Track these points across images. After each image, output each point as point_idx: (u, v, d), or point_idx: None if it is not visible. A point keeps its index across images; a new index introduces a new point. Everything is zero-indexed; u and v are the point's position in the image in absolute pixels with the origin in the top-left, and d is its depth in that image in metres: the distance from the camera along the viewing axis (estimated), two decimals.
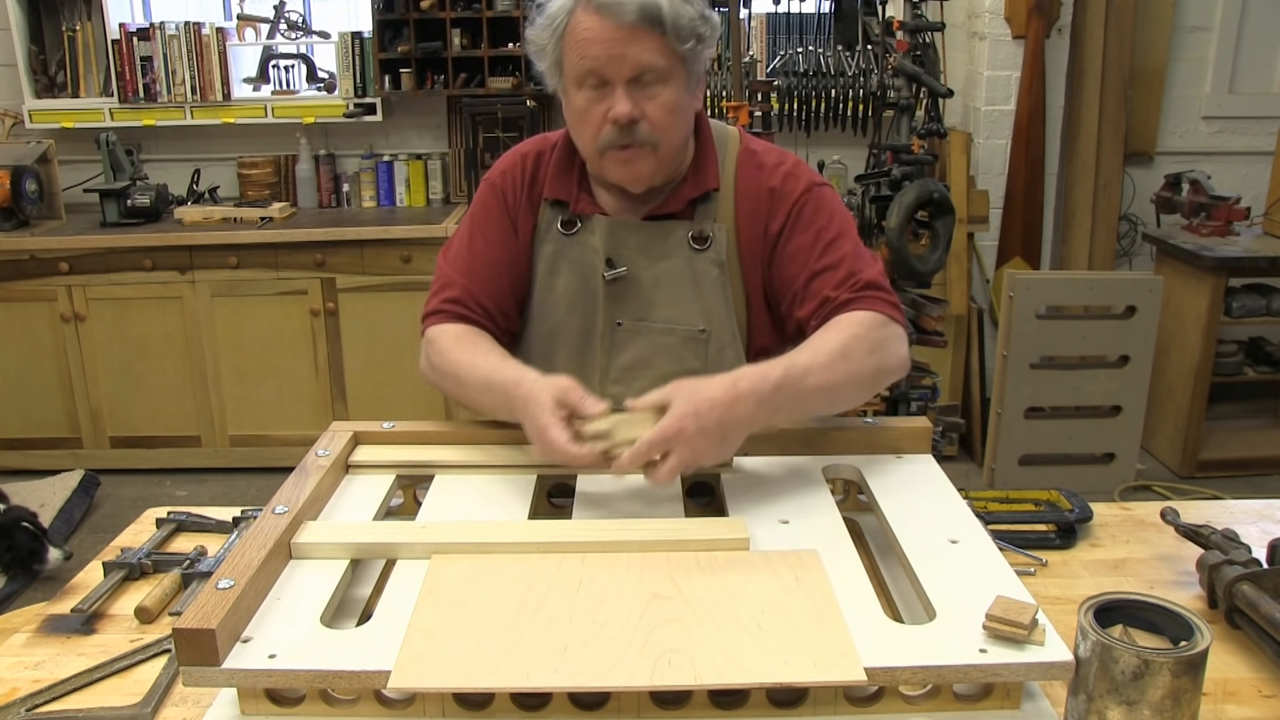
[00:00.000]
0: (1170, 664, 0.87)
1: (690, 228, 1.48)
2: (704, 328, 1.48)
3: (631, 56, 1.33)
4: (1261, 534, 1.33)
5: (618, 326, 1.50)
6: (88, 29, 3.94)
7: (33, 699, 1.04)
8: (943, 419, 2.70)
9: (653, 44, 1.33)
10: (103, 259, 3.59)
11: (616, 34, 1.32)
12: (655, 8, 1.31)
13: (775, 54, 3.78)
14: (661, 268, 1.48)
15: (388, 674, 0.92)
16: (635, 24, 1.31)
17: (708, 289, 1.48)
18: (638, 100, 1.36)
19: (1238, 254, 3.57)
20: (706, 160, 1.49)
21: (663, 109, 1.37)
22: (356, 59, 3.91)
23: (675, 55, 1.35)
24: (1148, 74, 3.99)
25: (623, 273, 1.47)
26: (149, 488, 3.72)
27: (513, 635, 0.95)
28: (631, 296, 1.49)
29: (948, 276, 3.67)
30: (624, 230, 1.48)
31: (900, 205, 2.59)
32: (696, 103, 1.45)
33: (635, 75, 1.34)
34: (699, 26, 1.36)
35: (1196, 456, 3.74)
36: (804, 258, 1.45)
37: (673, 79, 1.37)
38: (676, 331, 1.49)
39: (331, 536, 1.14)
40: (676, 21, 1.32)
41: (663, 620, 0.97)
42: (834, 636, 0.95)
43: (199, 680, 0.93)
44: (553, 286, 1.52)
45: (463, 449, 1.39)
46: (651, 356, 1.49)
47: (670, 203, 1.48)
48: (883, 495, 1.27)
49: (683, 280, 1.48)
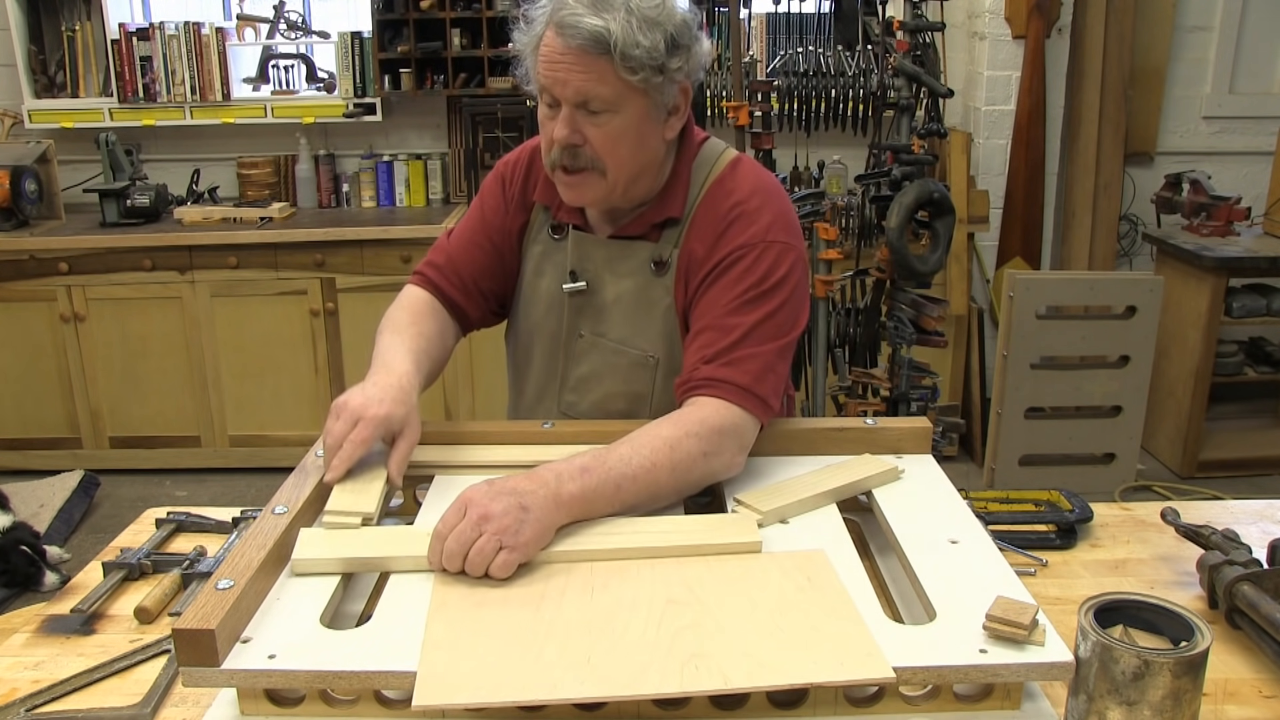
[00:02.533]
0: (1170, 664, 0.87)
1: (653, 251, 1.46)
2: (653, 354, 1.48)
3: (575, 81, 1.31)
4: (1261, 534, 1.33)
5: (579, 337, 1.52)
6: (87, 29, 3.93)
7: (33, 699, 1.04)
8: (943, 419, 2.69)
9: (599, 71, 1.30)
10: (102, 259, 3.59)
11: (565, 56, 1.30)
12: (601, 34, 1.27)
13: (775, 54, 3.78)
14: (623, 286, 1.48)
15: (387, 674, 0.92)
16: (582, 48, 1.29)
17: (660, 315, 1.47)
18: (581, 125, 1.34)
19: (1238, 254, 3.57)
20: (677, 187, 1.46)
21: (607, 137, 1.34)
22: (356, 59, 3.91)
23: (626, 84, 1.31)
24: (1148, 74, 3.99)
25: (581, 287, 1.49)
26: (149, 488, 3.72)
27: (533, 646, 0.94)
28: (593, 310, 1.50)
29: (948, 276, 3.67)
30: (591, 245, 1.49)
31: (900, 205, 2.59)
32: (670, 130, 1.41)
33: (580, 101, 1.33)
34: (658, 58, 1.30)
35: (1197, 456, 3.74)
36: (708, 309, 1.38)
37: (625, 108, 1.33)
38: (627, 353, 1.49)
39: (327, 551, 1.11)
40: (627, 51, 1.28)
41: (682, 625, 0.97)
42: (856, 636, 0.95)
43: (199, 680, 0.93)
44: (537, 287, 1.55)
45: (463, 448, 1.39)
46: (604, 372, 1.51)
47: (634, 224, 1.47)
48: (883, 496, 1.28)
49: (638, 302, 1.47)
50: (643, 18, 1.29)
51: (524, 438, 1.42)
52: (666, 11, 1.32)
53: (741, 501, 1.22)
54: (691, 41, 1.36)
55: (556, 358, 1.55)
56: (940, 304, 2.71)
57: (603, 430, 1.44)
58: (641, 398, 1.50)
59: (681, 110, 1.41)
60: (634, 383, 1.49)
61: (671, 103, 1.39)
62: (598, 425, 1.47)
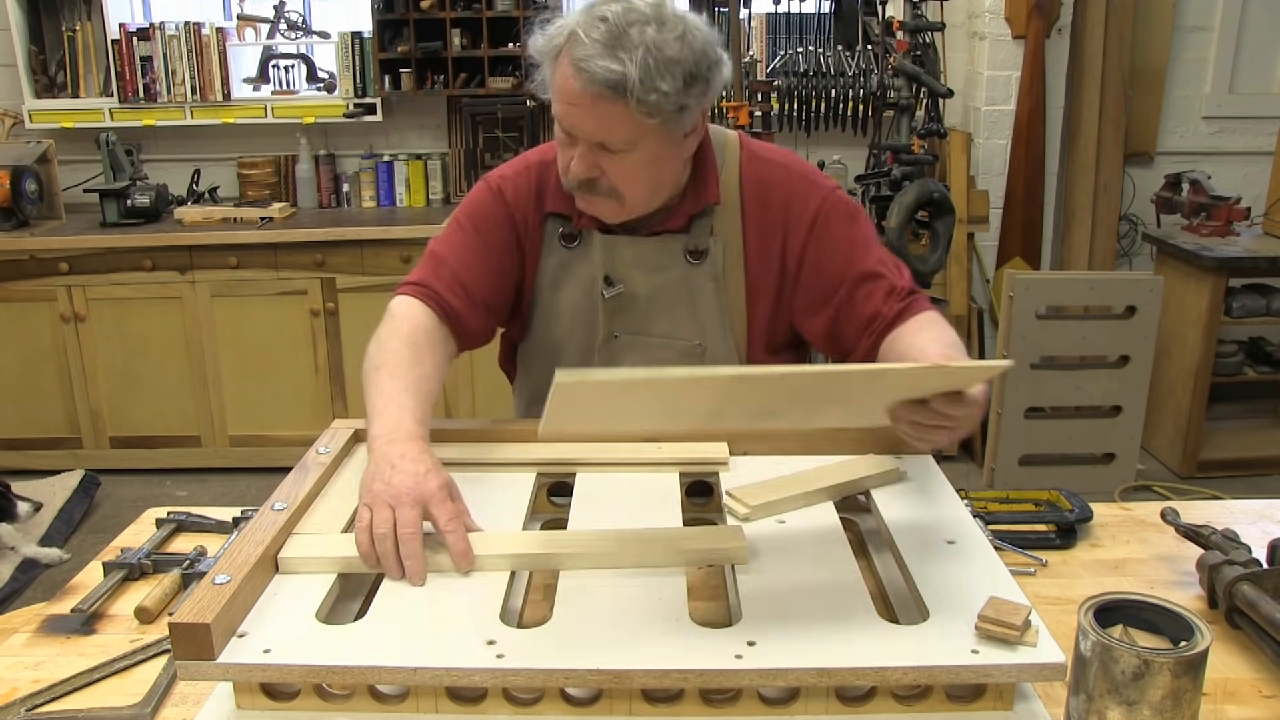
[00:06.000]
0: (1170, 664, 0.87)
1: (687, 241, 1.46)
2: (699, 341, 1.48)
3: (592, 124, 1.30)
4: (1261, 534, 1.33)
5: (614, 339, 1.50)
6: (88, 29, 3.93)
7: (33, 699, 1.04)
8: None
9: (616, 114, 1.28)
10: (103, 259, 3.59)
11: (583, 98, 1.28)
12: (619, 80, 1.25)
13: (775, 54, 3.78)
14: (658, 281, 1.48)
15: (382, 669, 0.92)
16: (598, 93, 1.26)
17: (704, 302, 1.48)
18: (598, 160, 1.33)
19: (1238, 254, 3.57)
20: (706, 174, 1.46)
21: (624, 171, 1.34)
22: (356, 59, 3.91)
23: (643, 126, 1.29)
24: (1148, 74, 3.99)
25: (620, 290, 1.47)
26: (149, 488, 3.72)
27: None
28: (629, 311, 1.49)
29: (948, 276, 3.67)
30: (620, 246, 1.48)
31: (900, 205, 2.60)
32: (688, 149, 1.40)
33: (597, 141, 1.32)
34: (676, 101, 1.28)
35: (1196, 456, 3.74)
36: (837, 275, 1.44)
37: (642, 144, 1.32)
38: (673, 345, 1.49)
39: (319, 552, 1.10)
40: (643, 97, 1.26)
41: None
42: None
43: (194, 674, 0.93)
44: (556, 299, 1.52)
45: (462, 446, 1.39)
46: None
47: (670, 221, 1.47)
48: (881, 496, 1.28)
49: (678, 294, 1.47)
50: (661, 58, 1.26)
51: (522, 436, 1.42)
52: (686, 45, 1.29)
53: (733, 495, 1.23)
54: (711, 72, 1.33)
55: (588, 364, 1.51)
56: (940, 304, 2.71)
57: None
58: None
59: (699, 128, 1.41)
60: None
61: (690, 126, 1.37)
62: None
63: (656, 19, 1.28)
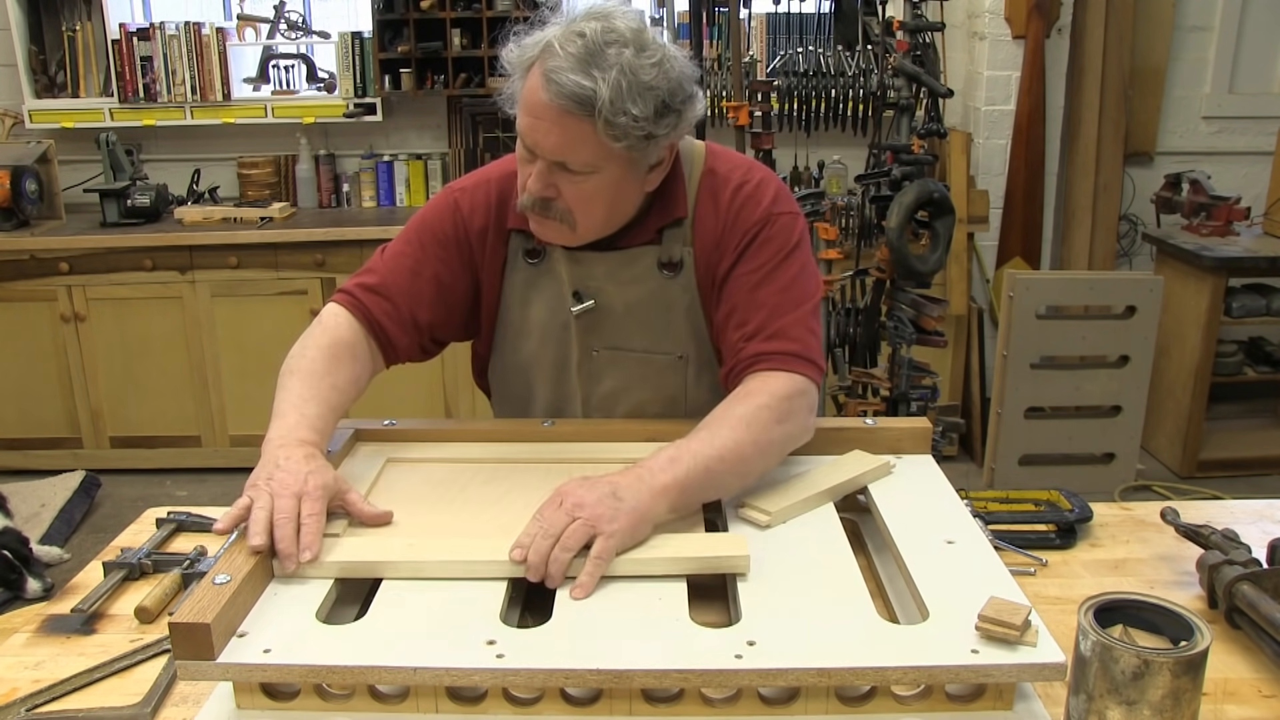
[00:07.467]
0: (1170, 664, 0.87)
1: (659, 254, 1.42)
2: (682, 354, 1.46)
3: (555, 140, 1.25)
4: (1261, 534, 1.33)
5: (594, 355, 1.47)
6: (88, 29, 3.93)
7: (33, 699, 1.04)
8: (943, 419, 2.69)
9: (581, 133, 1.23)
10: (103, 259, 3.59)
11: (549, 111, 1.23)
12: (588, 96, 1.20)
13: (775, 54, 3.78)
14: (632, 294, 1.43)
15: (381, 669, 0.92)
16: (566, 107, 1.21)
17: (681, 314, 1.44)
18: (556, 179, 1.28)
19: (1238, 254, 3.57)
20: (675, 187, 1.41)
21: (581, 195, 1.29)
22: (356, 59, 3.91)
23: (607, 149, 1.25)
24: (1148, 74, 3.99)
25: (590, 306, 1.43)
26: (149, 488, 3.72)
27: None
28: (604, 326, 1.45)
29: (948, 276, 3.66)
30: (588, 260, 1.42)
31: (900, 205, 2.59)
32: (650, 184, 1.36)
33: (557, 160, 1.27)
34: (645, 127, 1.23)
35: (1196, 456, 3.74)
36: (733, 291, 1.38)
37: (604, 169, 1.27)
38: (654, 359, 1.46)
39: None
40: (612, 118, 1.21)
41: None
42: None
43: (194, 674, 0.93)
44: (525, 316, 1.48)
45: (462, 445, 1.40)
46: (632, 384, 1.47)
47: (637, 236, 1.42)
48: (881, 496, 1.28)
49: (655, 307, 1.44)
50: (635, 81, 1.21)
51: (521, 435, 1.42)
52: (662, 72, 1.24)
53: (749, 504, 1.22)
54: (684, 105, 1.28)
55: (567, 382, 1.49)
56: (940, 304, 2.71)
57: (606, 429, 1.45)
58: (675, 400, 1.48)
59: (665, 163, 1.35)
60: (665, 387, 1.47)
61: (655, 159, 1.33)
62: (599, 425, 1.47)
63: (636, 43, 1.24)
